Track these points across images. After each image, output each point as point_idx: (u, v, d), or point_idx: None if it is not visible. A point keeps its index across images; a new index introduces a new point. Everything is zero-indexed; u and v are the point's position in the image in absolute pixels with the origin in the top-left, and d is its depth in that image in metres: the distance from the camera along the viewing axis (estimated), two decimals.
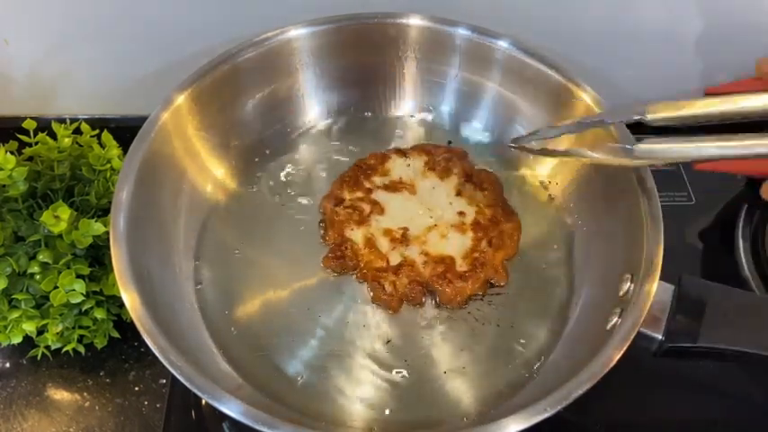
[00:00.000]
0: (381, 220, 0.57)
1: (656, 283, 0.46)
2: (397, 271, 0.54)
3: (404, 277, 0.54)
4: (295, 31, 0.59)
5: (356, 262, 0.55)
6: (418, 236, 0.56)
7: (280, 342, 0.52)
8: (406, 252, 0.55)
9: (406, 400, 0.50)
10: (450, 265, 0.54)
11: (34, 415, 0.53)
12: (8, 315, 0.51)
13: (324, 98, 0.64)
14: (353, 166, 0.61)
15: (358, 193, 0.59)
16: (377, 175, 0.60)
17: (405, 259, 0.55)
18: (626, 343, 0.43)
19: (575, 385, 0.41)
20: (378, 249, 0.56)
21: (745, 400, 0.55)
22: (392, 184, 0.60)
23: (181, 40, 0.64)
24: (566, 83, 0.57)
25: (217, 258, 0.56)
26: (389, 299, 0.54)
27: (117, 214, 0.48)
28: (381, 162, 0.61)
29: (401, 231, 0.56)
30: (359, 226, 0.57)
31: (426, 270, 0.54)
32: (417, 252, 0.55)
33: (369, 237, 0.56)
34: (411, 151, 0.62)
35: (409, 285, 0.54)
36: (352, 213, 0.57)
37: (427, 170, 0.61)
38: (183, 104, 0.55)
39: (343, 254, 0.55)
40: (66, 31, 0.63)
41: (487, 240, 0.56)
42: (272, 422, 0.39)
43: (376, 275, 0.54)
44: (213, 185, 0.59)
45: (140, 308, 0.44)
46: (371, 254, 0.55)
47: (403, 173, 0.60)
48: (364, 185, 0.59)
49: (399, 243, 0.56)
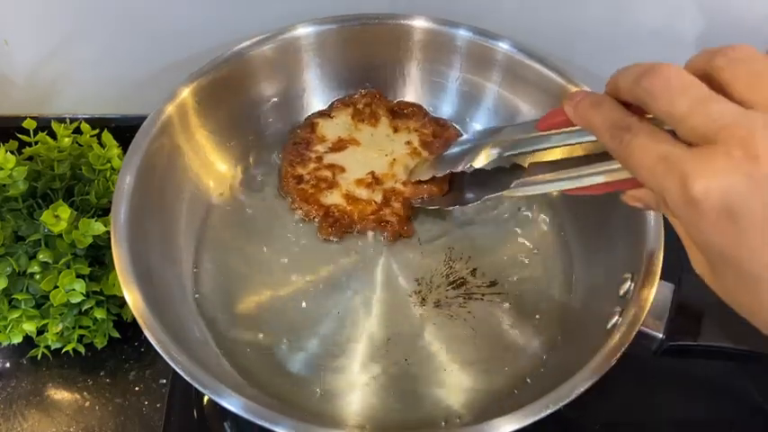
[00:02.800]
0: (347, 176, 0.59)
1: (656, 283, 0.46)
2: (387, 203, 0.58)
3: (395, 203, 0.58)
4: (299, 29, 0.59)
5: (350, 219, 0.57)
6: (386, 173, 0.59)
7: (279, 340, 0.52)
8: (385, 187, 0.59)
9: (406, 398, 0.50)
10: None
11: (34, 415, 0.53)
12: (8, 315, 0.51)
13: (326, 97, 0.64)
14: (290, 145, 0.61)
15: (311, 165, 0.60)
16: (316, 143, 0.61)
17: (386, 191, 0.58)
18: (626, 342, 0.43)
19: (574, 384, 0.41)
20: (360, 198, 0.58)
21: (745, 400, 0.56)
22: (335, 144, 0.61)
23: (181, 40, 0.64)
24: (566, 84, 0.58)
25: (218, 256, 0.56)
26: (399, 227, 0.57)
27: (118, 205, 0.48)
28: (312, 131, 0.62)
29: (370, 176, 0.59)
30: (331, 190, 0.58)
31: (408, 189, 0.58)
32: (393, 183, 0.59)
33: (346, 194, 0.58)
34: (332, 110, 0.64)
35: (404, 205, 0.58)
36: (318, 182, 0.59)
37: (357, 122, 0.63)
38: (187, 99, 0.55)
39: (334, 218, 0.57)
40: (66, 31, 0.63)
41: (441, 148, 0.60)
42: (273, 417, 0.39)
43: (376, 218, 0.57)
44: (216, 182, 0.59)
45: (142, 304, 0.43)
46: (359, 204, 0.58)
47: (338, 131, 0.62)
48: (312, 156, 0.60)
49: (375, 184, 0.59)
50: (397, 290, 0.55)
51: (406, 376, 0.51)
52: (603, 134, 0.34)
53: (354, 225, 0.57)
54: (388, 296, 0.55)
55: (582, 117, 0.37)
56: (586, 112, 0.36)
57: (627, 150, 0.32)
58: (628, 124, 0.33)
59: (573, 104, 0.37)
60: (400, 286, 0.55)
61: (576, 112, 0.37)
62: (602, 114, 0.35)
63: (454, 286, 0.55)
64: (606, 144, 0.34)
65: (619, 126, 0.33)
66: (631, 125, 0.32)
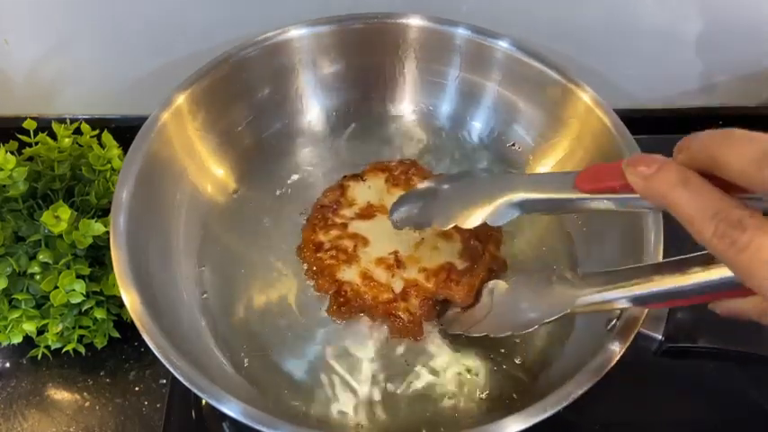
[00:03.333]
0: (369, 251, 0.55)
1: None
2: (405, 296, 0.52)
3: (413, 299, 0.52)
4: (295, 31, 0.59)
5: (362, 302, 0.52)
6: (411, 255, 0.54)
7: (280, 342, 0.52)
8: (405, 274, 0.53)
9: (407, 400, 0.50)
10: (451, 268, 0.53)
11: (34, 415, 0.53)
12: (8, 315, 0.51)
13: (324, 98, 0.64)
14: (316, 208, 0.58)
15: (333, 232, 0.56)
16: (343, 207, 0.57)
17: (407, 282, 0.53)
18: (626, 343, 0.43)
19: (575, 385, 0.41)
20: (378, 281, 0.53)
21: (745, 400, 0.55)
22: (363, 211, 0.57)
23: (181, 40, 0.64)
24: (566, 83, 0.57)
25: (217, 258, 0.56)
26: (410, 326, 0.52)
27: (117, 214, 0.48)
28: (342, 194, 0.58)
29: (393, 256, 0.54)
30: (349, 265, 0.54)
31: (431, 283, 0.53)
32: (416, 271, 0.53)
33: (364, 272, 0.53)
34: (366, 173, 0.60)
35: (421, 304, 0.52)
36: (337, 254, 0.54)
37: (391, 187, 0.58)
38: (183, 105, 0.55)
39: (346, 299, 0.52)
40: (67, 31, 0.63)
41: (475, 237, 0.54)
42: (271, 422, 0.39)
43: (387, 309, 0.52)
44: (213, 185, 0.59)
45: (141, 308, 0.44)
46: (374, 288, 0.53)
47: (368, 197, 0.58)
48: (336, 222, 0.56)
49: (396, 268, 0.53)
50: None
51: (407, 378, 0.51)
52: (702, 227, 0.28)
53: (365, 310, 0.53)
54: None
55: (660, 195, 0.30)
56: (669, 191, 0.29)
57: (742, 256, 0.26)
58: (738, 219, 0.27)
59: (642, 176, 0.30)
60: None
61: (648, 187, 0.30)
62: (696, 200, 0.28)
63: None
64: (706, 241, 0.28)
65: (727, 220, 0.27)
66: (743, 220, 0.26)
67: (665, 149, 0.76)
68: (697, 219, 0.28)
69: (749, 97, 0.75)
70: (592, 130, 0.56)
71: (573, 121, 0.58)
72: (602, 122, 0.55)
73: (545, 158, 0.61)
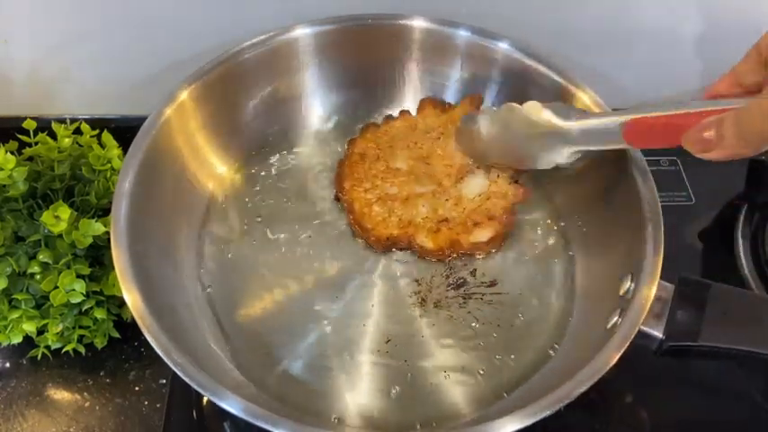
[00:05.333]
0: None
1: (656, 283, 0.46)
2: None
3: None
4: (298, 30, 0.59)
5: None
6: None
7: (281, 341, 0.52)
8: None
9: (406, 399, 0.50)
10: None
11: (34, 415, 0.53)
12: (8, 315, 0.51)
13: (325, 98, 0.64)
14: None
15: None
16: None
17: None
18: (626, 342, 0.43)
19: (575, 385, 0.41)
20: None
21: (745, 400, 0.55)
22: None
23: (181, 41, 0.64)
24: (566, 84, 0.57)
25: (217, 257, 0.56)
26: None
27: (117, 214, 0.48)
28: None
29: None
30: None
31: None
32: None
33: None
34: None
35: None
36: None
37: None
38: (186, 101, 0.55)
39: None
40: (67, 31, 0.63)
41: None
42: (273, 419, 0.39)
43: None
44: (215, 183, 0.59)
45: (142, 307, 0.44)
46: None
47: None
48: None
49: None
50: (397, 291, 0.55)
51: (406, 377, 0.51)
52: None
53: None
54: (387, 297, 0.55)
55: (720, 159, 0.38)
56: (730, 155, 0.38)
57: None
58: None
59: (703, 149, 0.39)
60: (400, 287, 0.55)
61: (709, 156, 0.39)
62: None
63: (454, 287, 0.55)
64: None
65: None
66: None
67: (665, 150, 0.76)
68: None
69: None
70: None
71: None
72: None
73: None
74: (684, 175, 0.68)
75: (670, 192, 0.67)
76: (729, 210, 0.66)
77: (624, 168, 0.52)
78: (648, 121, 0.42)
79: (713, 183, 0.68)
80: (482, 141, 0.56)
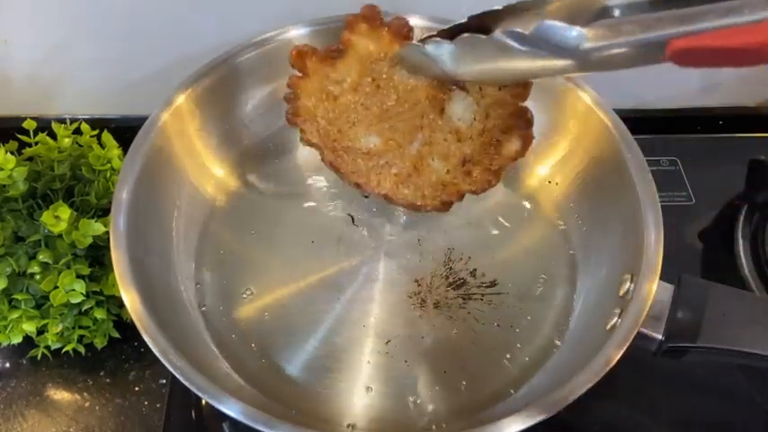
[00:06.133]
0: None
1: (655, 283, 0.46)
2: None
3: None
4: (295, 30, 0.59)
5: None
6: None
7: (279, 342, 0.52)
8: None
9: (406, 400, 0.50)
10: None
11: (34, 415, 0.53)
12: (8, 315, 0.51)
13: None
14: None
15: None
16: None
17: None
18: (626, 343, 0.43)
19: (575, 385, 0.41)
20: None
21: (745, 400, 0.55)
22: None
23: (181, 40, 0.64)
24: (565, 83, 0.57)
25: (217, 258, 0.56)
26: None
27: (117, 214, 0.48)
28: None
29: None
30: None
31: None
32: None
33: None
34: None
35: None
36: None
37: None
38: (183, 105, 0.55)
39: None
40: (66, 31, 0.63)
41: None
42: (271, 422, 0.39)
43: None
44: (213, 185, 0.59)
45: (140, 308, 0.43)
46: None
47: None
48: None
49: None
50: (396, 291, 0.55)
51: (406, 378, 0.51)
52: None
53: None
54: (387, 298, 0.55)
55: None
56: None
57: None
58: None
59: None
60: (400, 288, 0.55)
61: None
62: None
63: (454, 287, 0.55)
64: None
65: None
66: None
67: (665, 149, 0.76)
68: None
69: (749, 97, 0.75)
70: (592, 130, 0.56)
71: (573, 121, 0.58)
72: (602, 122, 0.55)
73: (545, 158, 0.61)
74: (684, 175, 0.68)
75: (670, 192, 0.67)
76: (729, 210, 0.66)
77: (624, 168, 0.52)
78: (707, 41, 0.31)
79: (713, 183, 0.68)
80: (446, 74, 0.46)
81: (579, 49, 0.35)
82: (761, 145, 0.70)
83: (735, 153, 0.69)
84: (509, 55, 0.39)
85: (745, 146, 0.71)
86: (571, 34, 0.35)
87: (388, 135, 0.51)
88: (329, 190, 0.61)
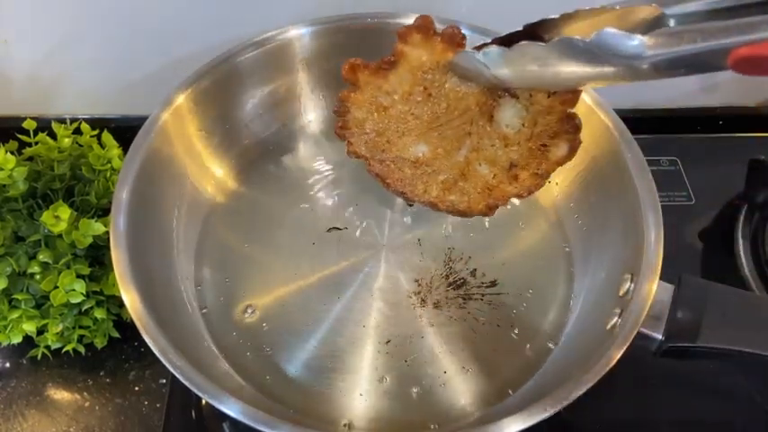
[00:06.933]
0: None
1: (656, 283, 0.46)
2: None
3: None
4: (295, 30, 0.59)
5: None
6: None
7: (280, 342, 0.52)
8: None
9: (406, 400, 0.50)
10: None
11: (34, 415, 0.53)
12: (8, 315, 0.51)
13: (323, 98, 0.64)
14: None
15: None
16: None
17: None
18: (626, 343, 0.43)
19: (575, 385, 0.41)
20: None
21: (745, 400, 0.55)
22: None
23: (181, 40, 0.64)
24: None
25: (217, 258, 0.56)
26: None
27: (117, 214, 0.48)
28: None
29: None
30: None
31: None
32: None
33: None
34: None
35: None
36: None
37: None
38: (183, 104, 0.55)
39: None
40: (66, 31, 0.63)
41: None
42: (271, 422, 0.39)
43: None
44: (213, 185, 0.59)
45: (140, 308, 0.43)
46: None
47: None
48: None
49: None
50: (396, 291, 0.55)
51: (407, 378, 0.51)
52: None
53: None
54: (387, 297, 0.55)
55: None
56: None
57: None
58: None
59: None
60: (400, 287, 0.55)
61: None
62: None
63: (454, 287, 0.55)
64: None
65: None
66: None
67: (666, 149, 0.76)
68: None
69: (749, 97, 0.75)
70: (592, 130, 0.56)
71: None
72: (602, 122, 0.55)
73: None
74: (684, 175, 0.68)
75: (670, 192, 0.67)
76: (729, 210, 0.66)
77: (624, 168, 0.52)
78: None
79: (713, 183, 0.68)
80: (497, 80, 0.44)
81: (639, 58, 0.35)
82: (761, 145, 0.70)
83: (735, 153, 0.69)
84: (566, 62, 0.39)
85: (745, 146, 0.71)
86: (632, 43, 0.34)
87: (437, 143, 0.50)
88: (329, 190, 0.61)
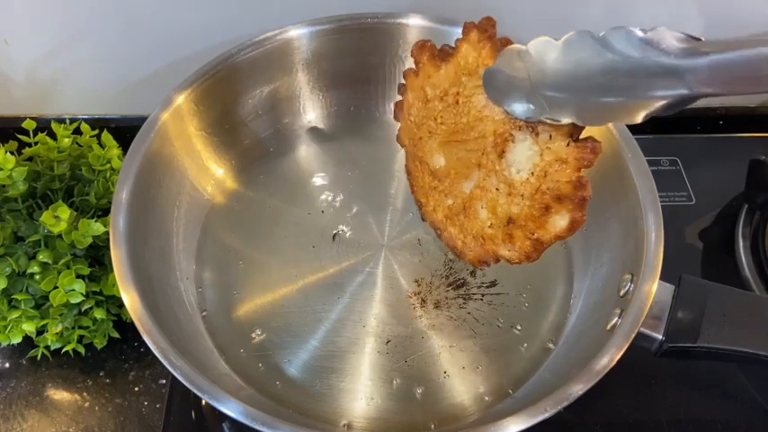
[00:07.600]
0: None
1: (656, 283, 0.46)
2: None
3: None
4: (295, 30, 0.59)
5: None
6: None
7: (279, 342, 0.52)
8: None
9: (406, 400, 0.50)
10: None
11: (34, 415, 0.53)
12: (8, 315, 0.51)
13: (323, 98, 0.64)
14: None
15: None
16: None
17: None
18: (626, 343, 0.43)
19: (575, 385, 0.41)
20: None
21: (745, 400, 0.55)
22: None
23: (181, 40, 0.64)
24: None
25: (216, 258, 0.56)
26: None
27: (117, 214, 0.48)
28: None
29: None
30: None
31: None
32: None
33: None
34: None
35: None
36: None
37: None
38: (182, 105, 0.55)
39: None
40: (67, 31, 0.63)
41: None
42: (271, 422, 0.39)
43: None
44: (213, 185, 0.59)
45: (140, 308, 0.43)
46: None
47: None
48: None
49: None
50: (396, 291, 0.55)
51: (407, 378, 0.51)
52: None
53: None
54: (387, 298, 0.55)
55: None
56: None
57: None
58: None
59: None
60: (400, 288, 0.55)
61: None
62: None
63: (454, 287, 0.55)
64: None
65: None
66: None
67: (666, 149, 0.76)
68: None
69: (749, 97, 0.75)
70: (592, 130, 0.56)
71: None
72: None
73: None
74: (684, 175, 0.68)
75: (670, 192, 0.67)
76: (729, 210, 0.66)
77: (624, 168, 0.52)
78: None
79: (713, 183, 0.68)
80: (535, 85, 0.40)
81: (693, 57, 0.32)
82: (761, 145, 0.70)
83: (735, 153, 0.69)
84: (614, 61, 0.36)
85: (745, 146, 0.71)
86: (684, 44, 0.33)
87: (453, 160, 0.48)
88: (329, 190, 0.61)
